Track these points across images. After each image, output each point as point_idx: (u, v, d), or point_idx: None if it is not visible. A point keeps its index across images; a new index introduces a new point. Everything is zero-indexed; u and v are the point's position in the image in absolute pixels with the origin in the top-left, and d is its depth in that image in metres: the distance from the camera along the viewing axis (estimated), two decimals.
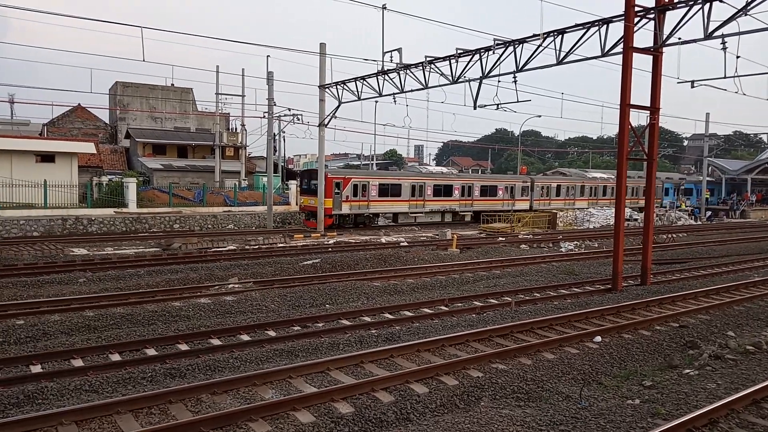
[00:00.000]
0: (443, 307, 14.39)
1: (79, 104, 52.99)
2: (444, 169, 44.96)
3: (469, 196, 40.24)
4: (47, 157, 34.74)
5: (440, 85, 24.57)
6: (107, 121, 56.46)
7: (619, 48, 16.69)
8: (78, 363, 9.60)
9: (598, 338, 11.14)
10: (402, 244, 26.83)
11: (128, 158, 49.55)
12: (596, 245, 28.84)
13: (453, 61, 23.33)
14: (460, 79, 23.44)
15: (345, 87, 29.37)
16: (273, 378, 8.73)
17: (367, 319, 13.12)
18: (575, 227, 39.89)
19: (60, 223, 29.35)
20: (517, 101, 22.77)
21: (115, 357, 9.99)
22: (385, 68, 26.40)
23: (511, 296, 15.49)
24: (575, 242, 29.18)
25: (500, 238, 29.78)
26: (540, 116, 53.25)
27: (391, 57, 26.06)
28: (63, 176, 34.20)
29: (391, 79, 26.49)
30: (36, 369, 9.29)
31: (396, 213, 37.37)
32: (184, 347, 10.65)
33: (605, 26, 17.45)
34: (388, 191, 36.09)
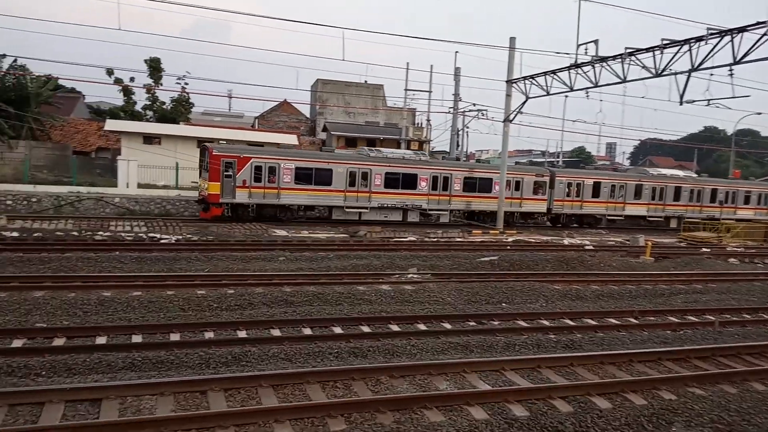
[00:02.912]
0: (632, 320, 13.32)
1: (285, 99, 58.54)
2: (408, 152, 34.16)
3: (445, 189, 31.48)
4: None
5: (641, 79, 22.79)
6: (308, 115, 61.55)
7: None
8: (276, 333, 10.65)
9: None
10: (587, 247, 25.39)
11: (322, 149, 53.63)
12: None
13: (657, 52, 21.49)
14: (665, 72, 21.51)
15: (533, 81, 28.55)
16: (448, 370, 8.85)
17: (546, 322, 12.66)
18: None
19: None
20: (733, 96, 20.24)
21: (307, 331, 10.90)
22: (579, 61, 25.17)
23: (714, 315, 13.82)
24: None
25: (704, 249, 26.71)
26: (760, 113, 46.41)
27: (586, 49, 24.88)
28: None
29: (584, 73, 25.23)
30: (242, 334, 10.48)
31: (323, 206, 30.16)
32: (366, 329, 11.25)
33: None
34: (312, 178, 28.42)
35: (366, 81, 57.04)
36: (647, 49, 21.94)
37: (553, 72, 26.99)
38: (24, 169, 31.91)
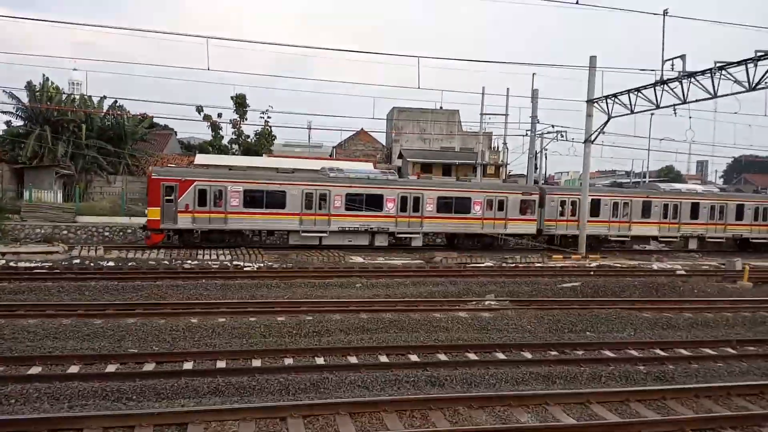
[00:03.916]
0: (730, 350, 12.38)
1: (362, 128, 59.72)
2: (374, 171, 31.38)
3: (416, 211, 28.91)
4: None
5: (733, 93, 21.53)
6: (384, 143, 62.45)
7: None
8: (353, 360, 10.70)
9: None
10: (678, 272, 23.98)
11: (400, 176, 54.05)
12: None
13: (750, 65, 20.25)
14: (760, 86, 20.19)
15: (616, 100, 27.58)
16: (529, 402, 8.57)
17: (634, 353, 12.00)
18: None
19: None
20: None
21: (384, 358, 10.88)
22: (665, 77, 24.18)
23: None
24: None
25: None
26: None
27: (672, 65, 23.90)
28: None
29: (671, 89, 24.13)
30: (320, 361, 10.61)
31: (277, 230, 28.35)
32: (443, 357, 11.09)
33: None
34: (263, 201, 26.76)
35: (441, 107, 57.26)
36: (739, 63, 20.77)
37: (638, 90, 26.01)
38: (121, 202, 34.23)
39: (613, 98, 27.81)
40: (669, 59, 24.03)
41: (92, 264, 20.98)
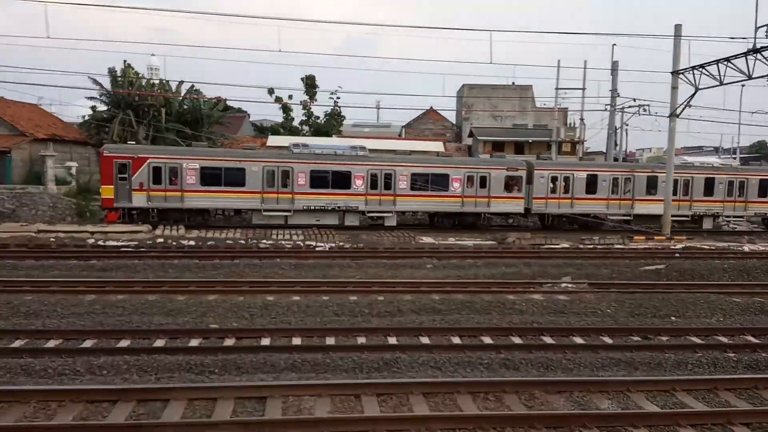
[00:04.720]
0: None
1: (431, 107, 59.11)
2: (341, 146, 29.79)
3: (388, 189, 27.71)
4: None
5: None
6: (454, 122, 61.64)
7: None
8: (425, 340, 10.67)
9: None
10: None
11: (470, 155, 53.25)
12: None
13: None
14: None
15: (704, 71, 25.85)
16: (609, 388, 8.27)
17: (724, 339, 11.32)
18: None
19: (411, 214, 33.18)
20: None
21: (456, 340, 10.79)
22: (758, 46, 22.45)
23: None
24: None
25: None
26: None
27: (767, 32, 22.12)
28: None
29: (765, 58, 22.36)
30: (392, 340, 10.65)
31: (240, 209, 27.81)
32: (517, 340, 10.87)
33: None
34: (221, 178, 26.03)
35: (513, 82, 55.73)
36: None
37: (727, 59, 24.29)
38: None
39: (700, 69, 26.09)
40: (763, 26, 22.37)
41: (174, 243, 21.98)
